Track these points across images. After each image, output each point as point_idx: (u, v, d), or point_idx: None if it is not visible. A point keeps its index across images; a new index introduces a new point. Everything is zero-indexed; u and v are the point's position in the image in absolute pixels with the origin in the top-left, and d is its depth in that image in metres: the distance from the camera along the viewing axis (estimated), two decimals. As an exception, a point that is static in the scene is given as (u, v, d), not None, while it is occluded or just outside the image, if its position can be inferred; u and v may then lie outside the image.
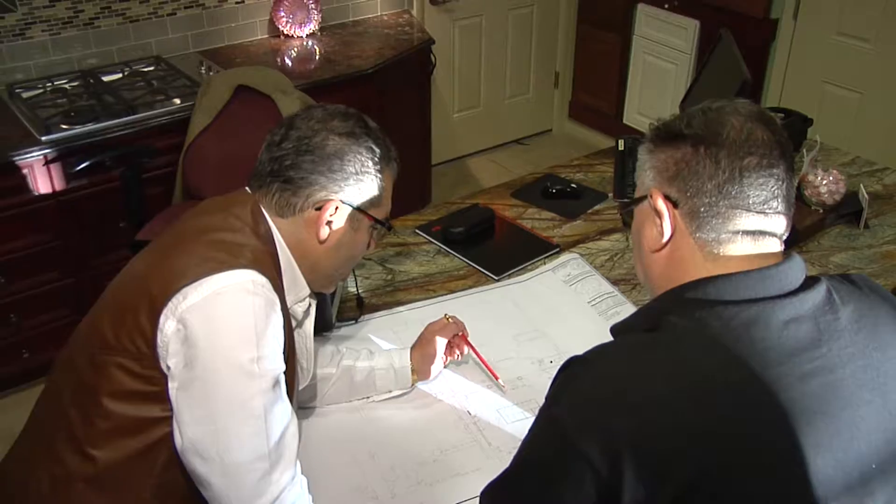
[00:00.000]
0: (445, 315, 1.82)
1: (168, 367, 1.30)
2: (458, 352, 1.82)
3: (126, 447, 1.34)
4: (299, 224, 1.44)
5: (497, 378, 1.77)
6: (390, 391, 1.76)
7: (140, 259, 1.44)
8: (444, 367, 1.81)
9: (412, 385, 1.77)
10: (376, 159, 1.46)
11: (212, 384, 1.28)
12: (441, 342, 1.77)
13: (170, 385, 1.31)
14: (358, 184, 1.44)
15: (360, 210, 1.47)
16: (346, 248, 1.50)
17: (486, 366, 1.80)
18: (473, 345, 1.81)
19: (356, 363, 1.74)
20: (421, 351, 1.77)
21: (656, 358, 1.03)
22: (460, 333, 1.80)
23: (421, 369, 1.77)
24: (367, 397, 1.75)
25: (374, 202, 1.48)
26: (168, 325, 1.28)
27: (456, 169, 5.08)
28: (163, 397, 1.32)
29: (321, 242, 1.46)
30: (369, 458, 1.60)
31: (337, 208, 1.44)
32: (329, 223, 1.44)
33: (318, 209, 1.43)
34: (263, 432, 1.29)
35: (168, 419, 1.33)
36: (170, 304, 1.28)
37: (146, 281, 1.33)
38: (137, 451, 1.34)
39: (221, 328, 1.28)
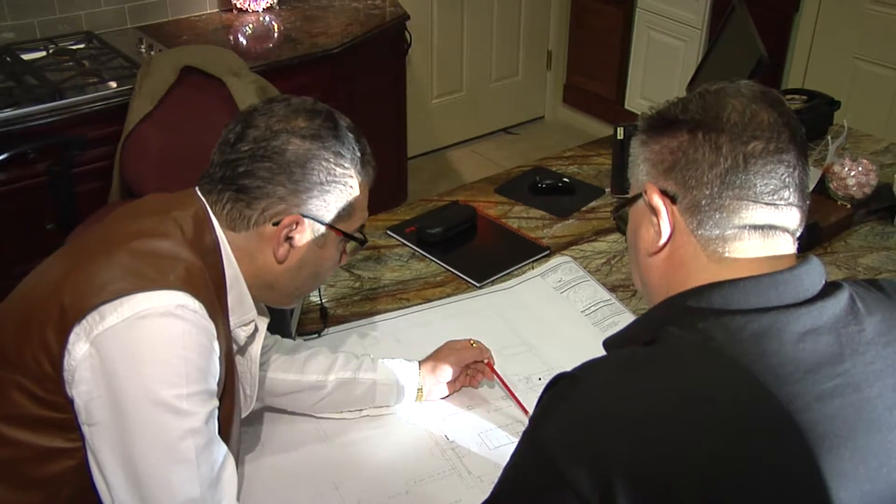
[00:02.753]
0: (471, 340, 1.82)
1: (73, 398, 1.26)
2: (482, 377, 1.83)
3: (23, 481, 1.31)
4: (253, 240, 1.42)
5: (527, 413, 1.74)
6: (388, 405, 1.77)
7: (56, 260, 1.41)
8: (450, 394, 1.82)
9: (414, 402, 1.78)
10: (346, 165, 1.42)
11: (132, 424, 1.24)
12: (458, 362, 1.78)
13: (80, 420, 1.27)
14: (323, 195, 1.41)
15: (325, 224, 1.44)
16: (309, 267, 1.47)
17: (517, 399, 1.78)
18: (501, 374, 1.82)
19: (357, 375, 1.73)
20: (434, 365, 1.77)
21: (654, 374, 1.03)
22: (486, 360, 1.81)
23: (429, 388, 1.78)
24: (360, 410, 1.76)
25: (343, 214, 1.45)
26: (78, 348, 1.24)
27: (434, 162, 5.09)
28: (69, 426, 1.28)
29: (280, 262, 1.43)
30: (333, 490, 1.60)
31: (297, 224, 1.41)
32: (289, 240, 1.42)
33: (276, 224, 1.40)
34: (195, 478, 1.26)
35: (74, 451, 1.30)
36: (83, 323, 1.24)
37: (59, 289, 1.29)
38: (36, 485, 1.31)
39: (144, 358, 1.24)
